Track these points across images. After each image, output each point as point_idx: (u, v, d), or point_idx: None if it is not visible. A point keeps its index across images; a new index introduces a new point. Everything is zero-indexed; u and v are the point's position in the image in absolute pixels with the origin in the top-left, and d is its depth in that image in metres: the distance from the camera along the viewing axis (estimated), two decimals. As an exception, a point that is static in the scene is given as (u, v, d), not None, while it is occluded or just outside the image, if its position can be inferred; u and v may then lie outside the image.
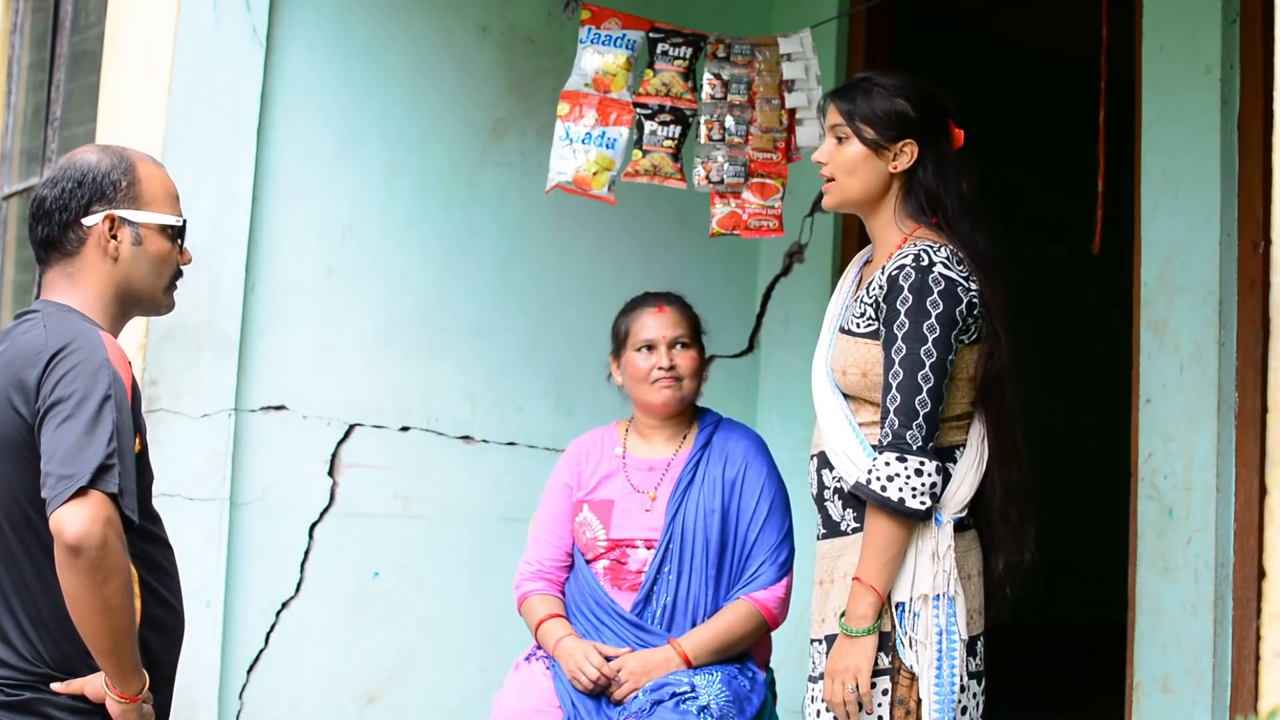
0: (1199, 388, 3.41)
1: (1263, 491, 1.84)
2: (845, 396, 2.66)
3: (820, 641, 2.68)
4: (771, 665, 3.36)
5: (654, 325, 3.31)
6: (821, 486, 2.71)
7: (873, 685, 2.56)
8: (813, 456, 2.74)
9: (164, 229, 2.42)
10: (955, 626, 2.54)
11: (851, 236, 4.48)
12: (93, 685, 2.25)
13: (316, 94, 3.98)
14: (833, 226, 4.50)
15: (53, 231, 2.38)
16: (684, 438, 3.34)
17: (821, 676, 2.64)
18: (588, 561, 3.27)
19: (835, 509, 2.68)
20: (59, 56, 4.72)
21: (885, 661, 2.56)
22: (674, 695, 3.00)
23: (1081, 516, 5.50)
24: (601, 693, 3.10)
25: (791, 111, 3.47)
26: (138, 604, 2.28)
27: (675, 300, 3.38)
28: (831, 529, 2.69)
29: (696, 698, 2.99)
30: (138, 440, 2.29)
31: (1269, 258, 2.01)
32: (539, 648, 3.25)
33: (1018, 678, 4.83)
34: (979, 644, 2.63)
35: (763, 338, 4.65)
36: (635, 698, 3.05)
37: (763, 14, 4.60)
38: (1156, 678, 3.44)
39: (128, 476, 2.19)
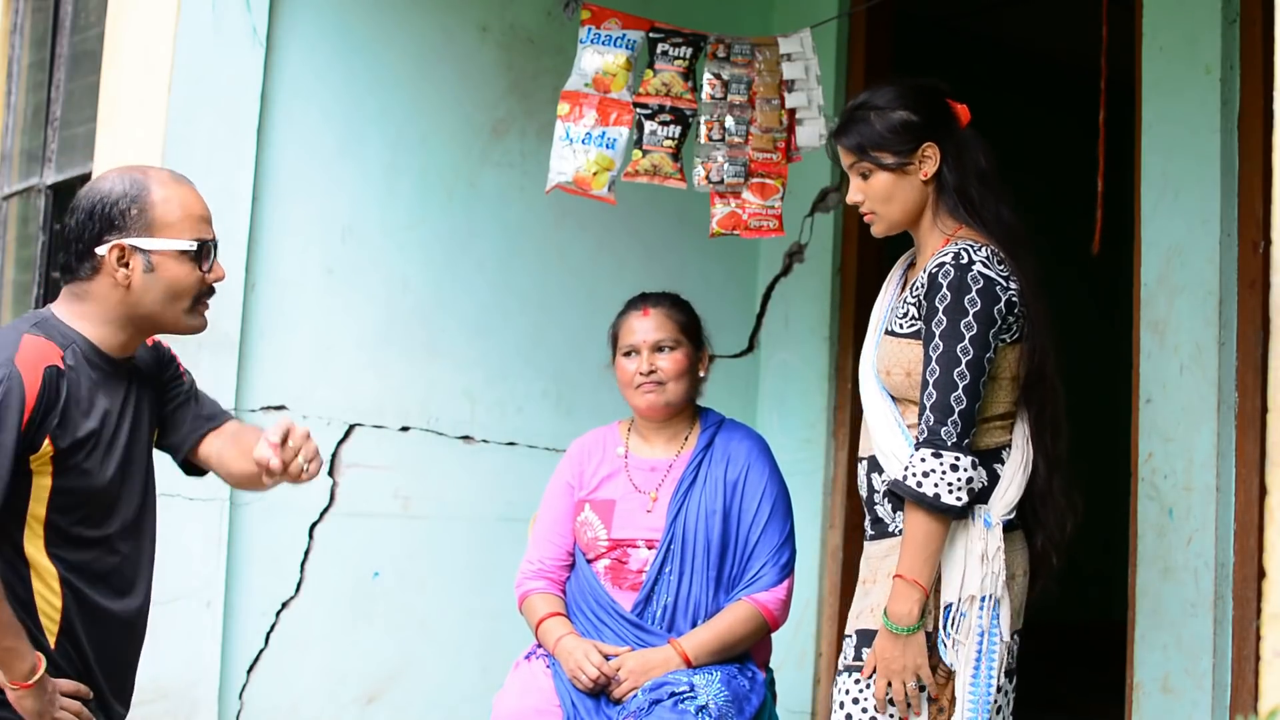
0: (1199, 388, 3.41)
1: (1263, 491, 1.84)
2: (893, 399, 2.66)
3: (850, 636, 2.68)
4: (771, 665, 3.36)
5: (637, 329, 3.30)
6: (871, 490, 2.70)
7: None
8: (862, 460, 2.73)
9: (182, 253, 2.41)
10: (998, 628, 2.54)
11: (851, 236, 4.48)
12: None
13: (316, 94, 3.98)
14: (833, 226, 4.50)
15: (69, 260, 2.42)
16: (685, 439, 3.34)
17: (851, 667, 2.64)
18: (589, 561, 3.27)
19: (885, 511, 2.67)
20: (59, 56, 4.72)
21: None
22: (672, 695, 3.00)
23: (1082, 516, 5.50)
24: (601, 692, 3.09)
25: (791, 111, 3.47)
26: (58, 601, 2.34)
27: (664, 301, 3.35)
28: (880, 531, 2.68)
29: (695, 697, 2.99)
30: (48, 443, 2.29)
31: (1269, 258, 2.02)
32: (539, 646, 3.25)
33: (1018, 677, 4.82)
34: (1014, 642, 2.63)
35: (763, 338, 4.65)
36: (634, 697, 3.05)
37: (763, 14, 4.60)
38: (1156, 678, 3.44)
39: None
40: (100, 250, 2.38)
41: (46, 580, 2.35)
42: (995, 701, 2.56)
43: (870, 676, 2.60)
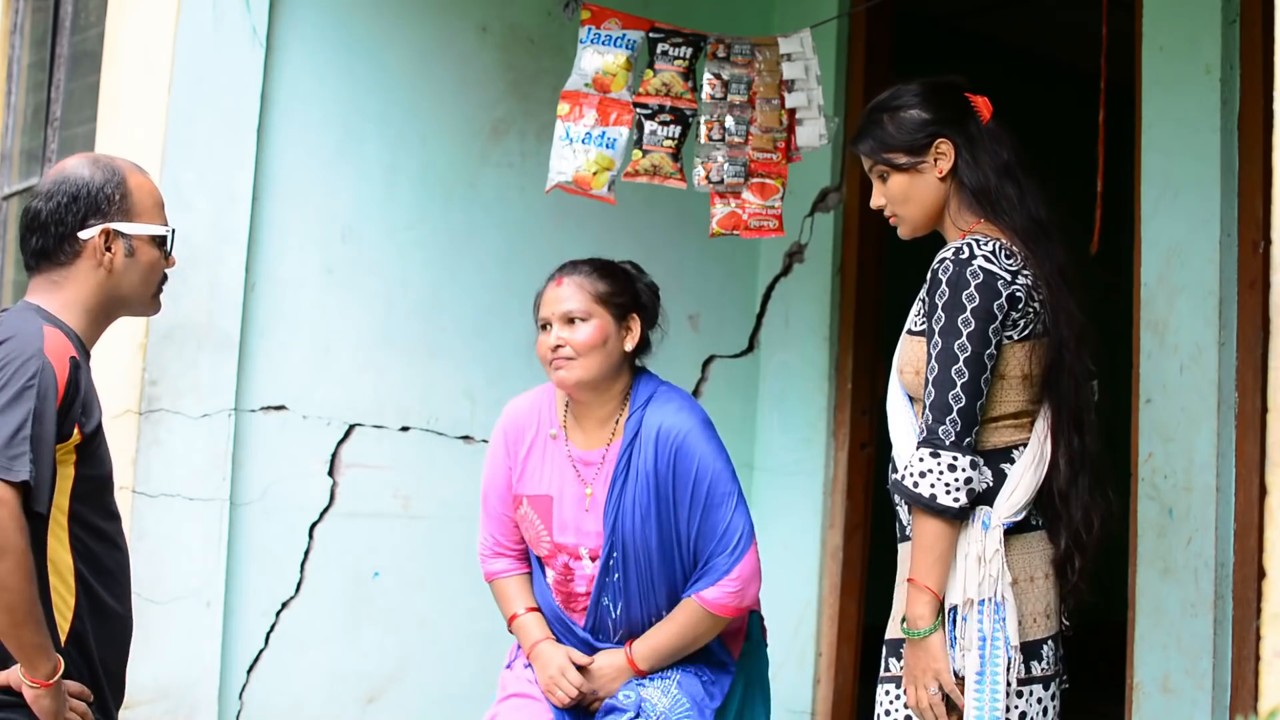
0: (1199, 388, 3.40)
1: (1263, 491, 1.84)
2: (910, 399, 2.62)
3: (884, 644, 2.65)
4: (770, 662, 3.32)
5: (548, 301, 3.06)
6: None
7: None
8: (892, 459, 2.70)
9: (154, 238, 2.51)
10: (1002, 632, 2.49)
11: (851, 236, 4.48)
12: (13, 675, 2.29)
13: (316, 94, 3.98)
14: (833, 226, 4.50)
15: (47, 244, 2.46)
16: (616, 422, 3.07)
17: (883, 679, 2.62)
18: (539, 560, 3.13)
19: (902, 513, 2.64)
20: (59, 56, 4.72)
21: None
22: None
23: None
24: (578, 706, 3.03)
25: (791, 111, 3.47)
26: (71, 598, 2.35)
27: (582, 268, 3.07)
28: (900, 533, 2.65)
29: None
30: (77, 432, 2.34)
31: (1269, 258, 2.01)
32: (519, 648, 3.16)
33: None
34: (1044, 648, 2.57)
35: (763, 338, 4.65)
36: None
37: (763, 14, 4.60)
38: (1156, 678, 3.44)
39: (42, 465, 2.25)
40: (84, 234, 2.45)
41: (63, 575, 2.37)
42: (1018, 707, 2.51)
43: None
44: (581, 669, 3.04)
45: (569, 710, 3.03)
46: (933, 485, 2.47)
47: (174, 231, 2.56)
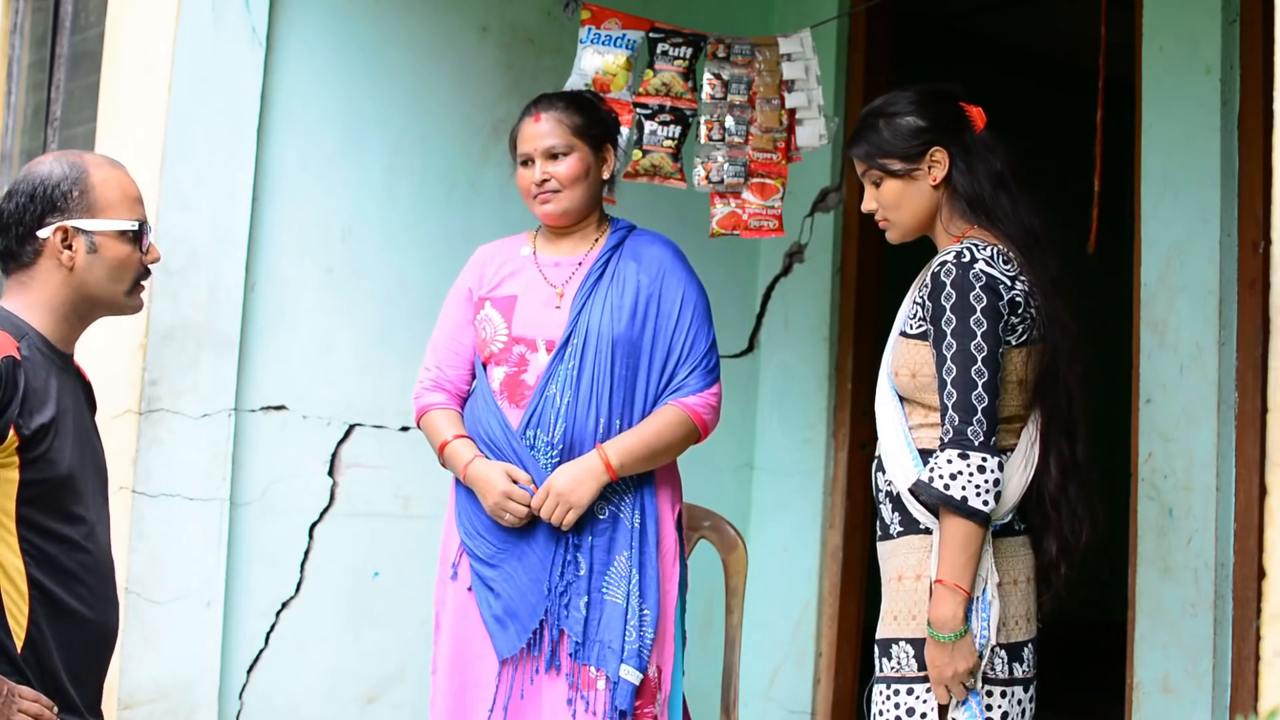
0: (1199, 388, 3.41)
1: (1263, 491, 1.84)
2: (902, 400, 2.64)
3: (876, 644, 2.66)
4: (771, 665, 3.33)
5: (527, 137, 3.13)
6: (876, 489, 2.70)
7: (910, 691, 2.56)
8: (875, 458, 2.72)
9: (122, 233, 2.46)
10: (986, 632, 2.52)
11: (851, 236, 4.48)
12: None
13: (316, 95, 3.98)
14: (833, 226, 4.50)
15: (10, 244, 2.44)
16: (595, 240, 3.18)
17: (884, 679, 2.62)
18: (485, 365, 3.12)
19: (886, 511, 2.66)
20: (59, 56, 4.72)
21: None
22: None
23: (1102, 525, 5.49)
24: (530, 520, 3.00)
25: (791, 111, 3.47)
26: (24, 602, 2.31)
27: (558, 103, 3.15)
28: (883, 532, 2.67)
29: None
30: (13, 433, 2.30)
31: (1269, 258, 2.01)
32: (455, 565, 3.11)
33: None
34: (1025, 650, 2.61)
35: (763, 338, 4.65)
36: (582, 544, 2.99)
37: (763, 14, 4.60)
38: (1156, 678, 3.44)
39: None
40: (42, 233, 2.42)
41: (13, 579, 2.33)
42: (1001, 708, 2.53)
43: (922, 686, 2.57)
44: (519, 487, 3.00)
45: (528, 532, 2.99)
46: (964, 487, 2.48)
47: (143, 224, 2.49)
